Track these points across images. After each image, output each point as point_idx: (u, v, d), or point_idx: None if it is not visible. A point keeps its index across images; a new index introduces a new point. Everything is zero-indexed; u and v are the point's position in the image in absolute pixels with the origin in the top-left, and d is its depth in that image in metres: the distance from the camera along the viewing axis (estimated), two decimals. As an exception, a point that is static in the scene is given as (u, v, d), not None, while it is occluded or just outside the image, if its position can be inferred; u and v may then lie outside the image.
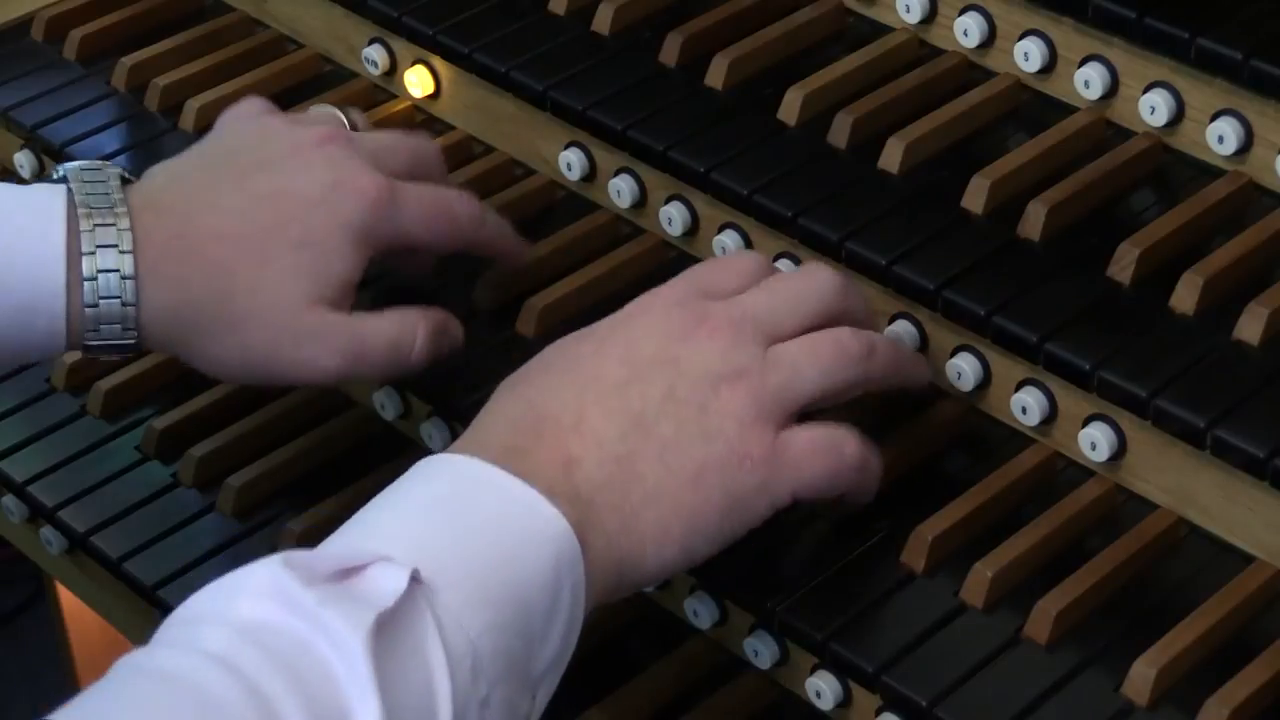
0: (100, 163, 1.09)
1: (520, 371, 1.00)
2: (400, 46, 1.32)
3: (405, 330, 1.09)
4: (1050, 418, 1.06)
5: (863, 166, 1.14)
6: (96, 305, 1.05)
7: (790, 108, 1.17)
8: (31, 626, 2.30)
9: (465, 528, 0.90)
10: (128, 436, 1.26)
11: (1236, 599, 0.98)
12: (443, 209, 1.11)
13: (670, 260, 1.20)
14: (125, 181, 1.08)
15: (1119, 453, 1.04)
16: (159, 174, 1.11)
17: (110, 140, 1.33)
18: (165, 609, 1.15)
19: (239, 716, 0.81)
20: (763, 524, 0.99)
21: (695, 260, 1.18)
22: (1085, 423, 1.04)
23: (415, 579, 0.86)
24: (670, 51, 1.22)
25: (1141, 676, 0.95)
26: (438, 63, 1.30)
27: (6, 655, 2.32)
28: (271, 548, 1.18)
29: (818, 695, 1.02)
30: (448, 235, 1.12)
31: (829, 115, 1.16)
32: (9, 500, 1.26)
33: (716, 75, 1.20)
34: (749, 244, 1.16)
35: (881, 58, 1.20)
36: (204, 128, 1.31)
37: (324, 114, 1.17)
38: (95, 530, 1.20)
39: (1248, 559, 1.01)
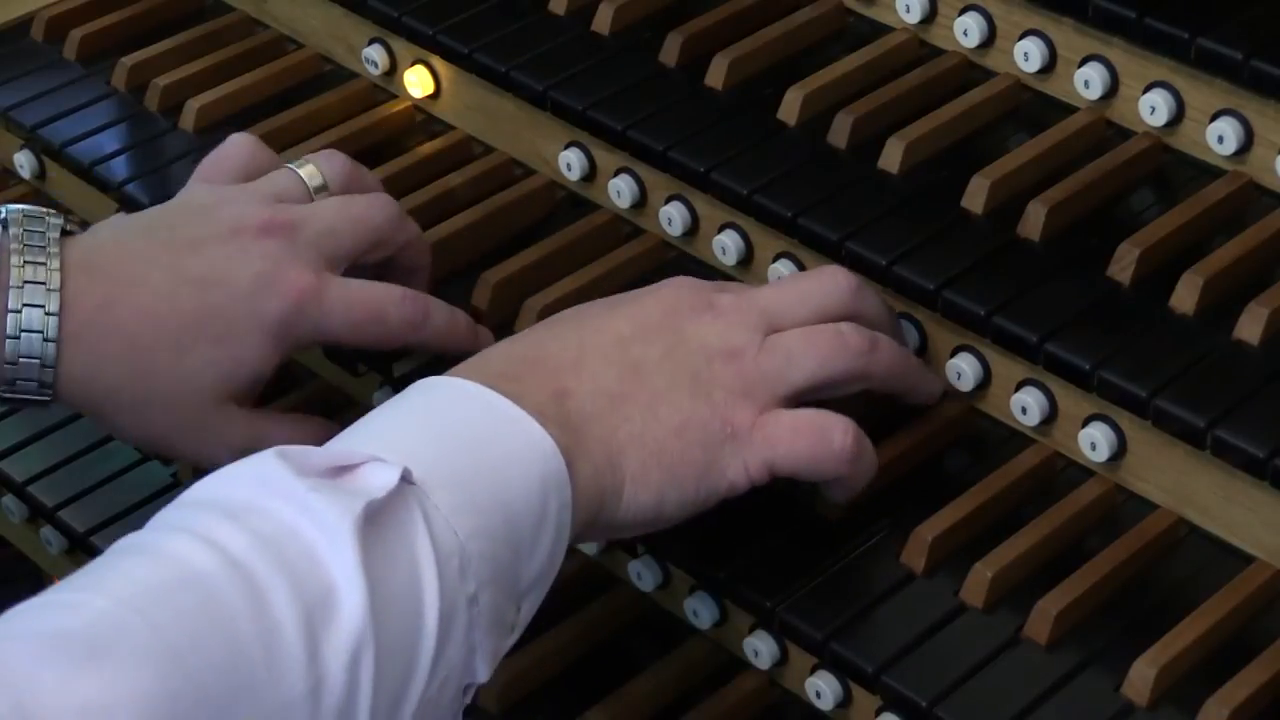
0: (45, 211, 1.09)
1: (534, 326, 1.04)
2: (400, 46, 1.32)
3: (299, 437, 1.06)
4: (1050, 418, 1.06)
5: (863, 166, 1.14)
6: (16, 363, 1.05)
7: (790, 108, 1.17)
8: (31, 626, 2.30)
9: (456, 438, 0.92)
10: (128, 436, 1.26)
11: (1236, 599, 0.98)
12: (374, 312, 1.10)
13: (670, 260, 1.20)
14: (67, 234, 1.08)
15: (1119, 453, 1.04)
16: (104, 230, 1.12)
17: (110, 140, 1.33)
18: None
19: (225, 592, 0.82)
20: (765, 522, 0.99)
21: (695, 260, 1.19)
22: (1085, 423, 1.04)
23: (406, 479, 0.88)
24: (670, 51, 1.22)
25: (1141, 676, 0.95)
26: (438, 63, 1.30)
27: (6, 655, 2.31)
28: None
29: (818, 695, 1.02)
30: (376, 338, 1.11)
31: (829, 115, 1.16)
32: (9, 500, 1.26)
33: (716, 75, 1.20)
34: (749, 244, 1.16)
35: (881, 58, 1.20)
36: (204, 128, 1.31)
37: (287, 182, 1.14)
38: (95, 530, 1.20)
39: (1248, 559, 1.01)
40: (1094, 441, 1.04)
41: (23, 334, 1.05)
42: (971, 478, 1.05)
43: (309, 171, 1.14)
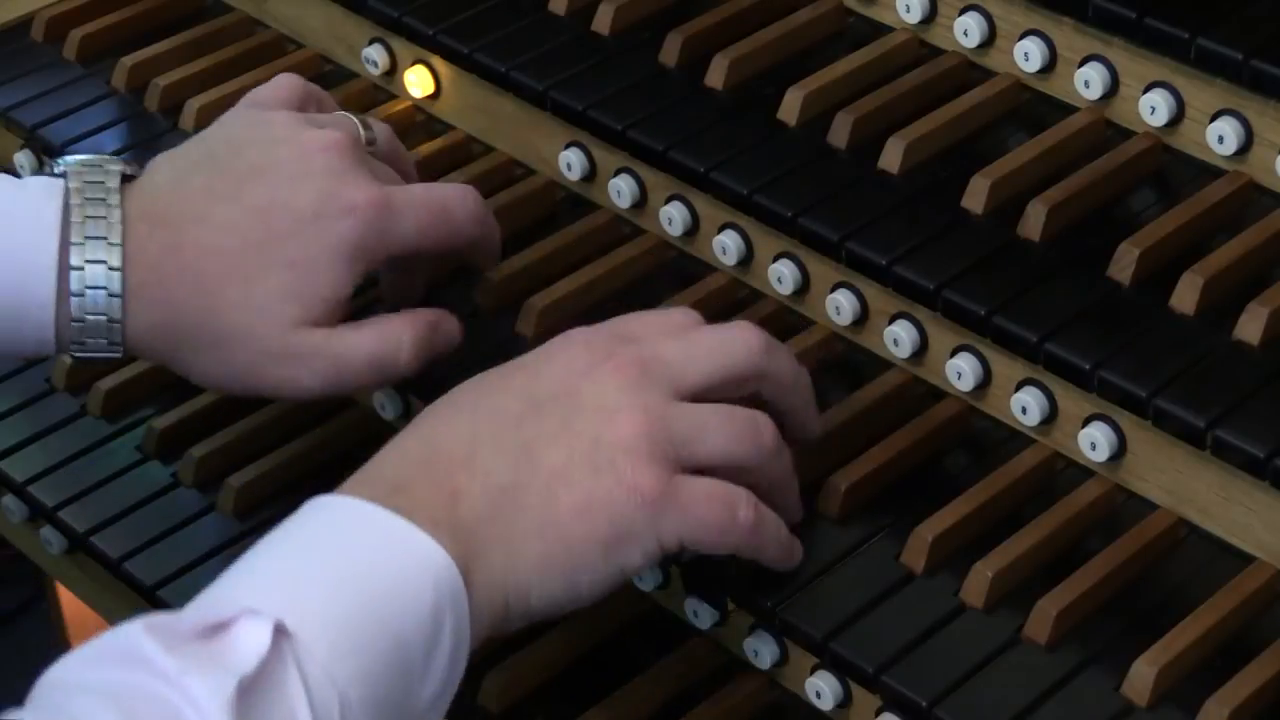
0: (103, 159, 1.08)
1: (427, 409, 0.99)
2: (400, 46, 1.32)
3: (388, 342, 1.07)
4: (1050, 418, 1.06)
5: (863, 166, 1.14)
6: (83, 320, 1.05)
7: (790, 108, 1.17)
8: (31, 626, 2.30)
9: (339, 569, 0.89)
10: (128, 436, 1.26)
11: (1236, 599, 0.98)
12: (440, 210, 1.10)
13: (670, 260, 1.20)
14: (126, 178, 1.07)
15: (1119, 453, 1.04)
16: (161, 170, 1.09)
17: (110, 140, 1.33)
18: (165, 609, 1.16)
19: None
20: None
21: (695, 260, 1.19)
22: (1085, 423, 1.04)
23: (280, 630, 0.85)
24: (670, 51, 1.22)
25: (1141, 676, 0.95)
26: (438, 63, 1.30)
27: (6, 655, 2.31)
28: (271, 548, 1.18)
29: (818, 695, 1.02)
30: (444, 239, 1.10)
31: (829, 115, 1.16)
32: (9, 500, 1.26)
33: (716, 75, 1.20)
34: (749, 244, 1.16)
35: (881, 58, 1.20)
36: (204, 128, 1.31)
37: (340, 118, 1.14)
38: (95, 530, 1.20)
39: (1248, 559, 1.01)
40: (1094, 441, 1.04)
41: (88, 291, 1.04)
42: (971, 478, 1.05)
43: (361, 120, 1.14)
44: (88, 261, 1.04)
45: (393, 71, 1.33)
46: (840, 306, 1.12)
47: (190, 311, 1.06)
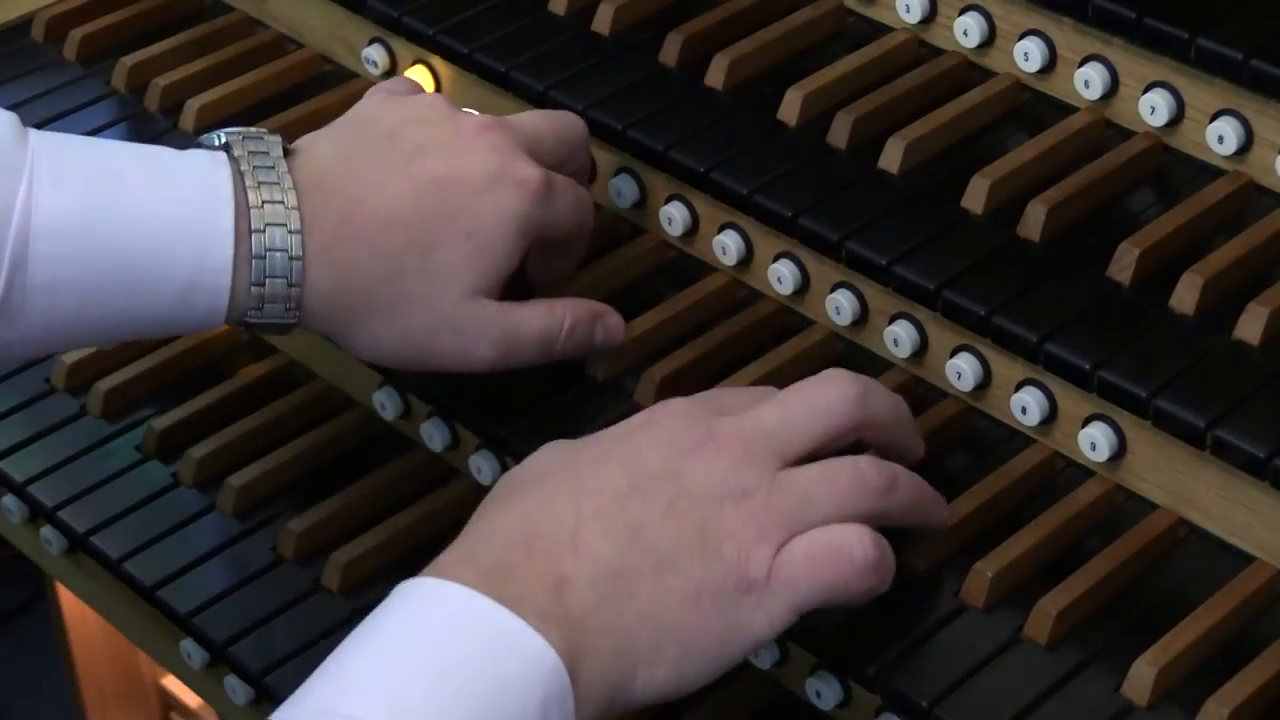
0: (259, 130, 1.08)
1: (517, 475, 0.97)
2: (400, 46, 1.32)
3: (554, 321, 1.09)
4: (1050, 418, 1.06)
5: (863, 166, 1.14)
6: (263, 284, 1.04)
7: (790, 108, 1.17)
8: (31, 626, 2.30)
9: (447, 674, 0.86)
10: (128, 436, 1.26)
11: (1236, 599, 0.98)
12: (583, 198, 1.13)
13: (670, 260, 1.20)
14: (285, 152, 1.07)
15: (1119, 453, 1.04)
16: (321, 146, 1.10)
17: (110, 140, 1.33)
18: (165, 609, 1.16)
19: None
20: None
21: (695, 260, 1.19)
22: (1085, 423, 1.04)
23: None
24: (670, 51, 1.22)
25: (1141, 676, 0.95)
26: (438, 63, 1.30)
27: (6, 655, 2.32)
28: (271, 548, 1.18)
29: (818, 695, 1.02)
30: (584, 224, 1.13)
31: (829, 115, 1.16)
32: (9, 500, 1.26)
33: (716, 75, 1.20)
34: (749, 244, 1.16)
35: (881, 58, 1.20)
36: (204, 128, 1.31)
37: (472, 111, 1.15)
38: (95, 530, 1.20)
39: (1248, 559, 1.01)
40: (1094, 441, 1.04)
41: (268, 253, 1.04)
42: (971, 478, 1.05)
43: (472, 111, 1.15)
44: (268, 224, 1.04)
45: (393, 71, 1.33)
46: (840, 306, 1.12)
47: (368, 277, 1.06)
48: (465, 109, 1.14)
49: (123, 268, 1.03)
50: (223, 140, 1.07)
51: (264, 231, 1.04)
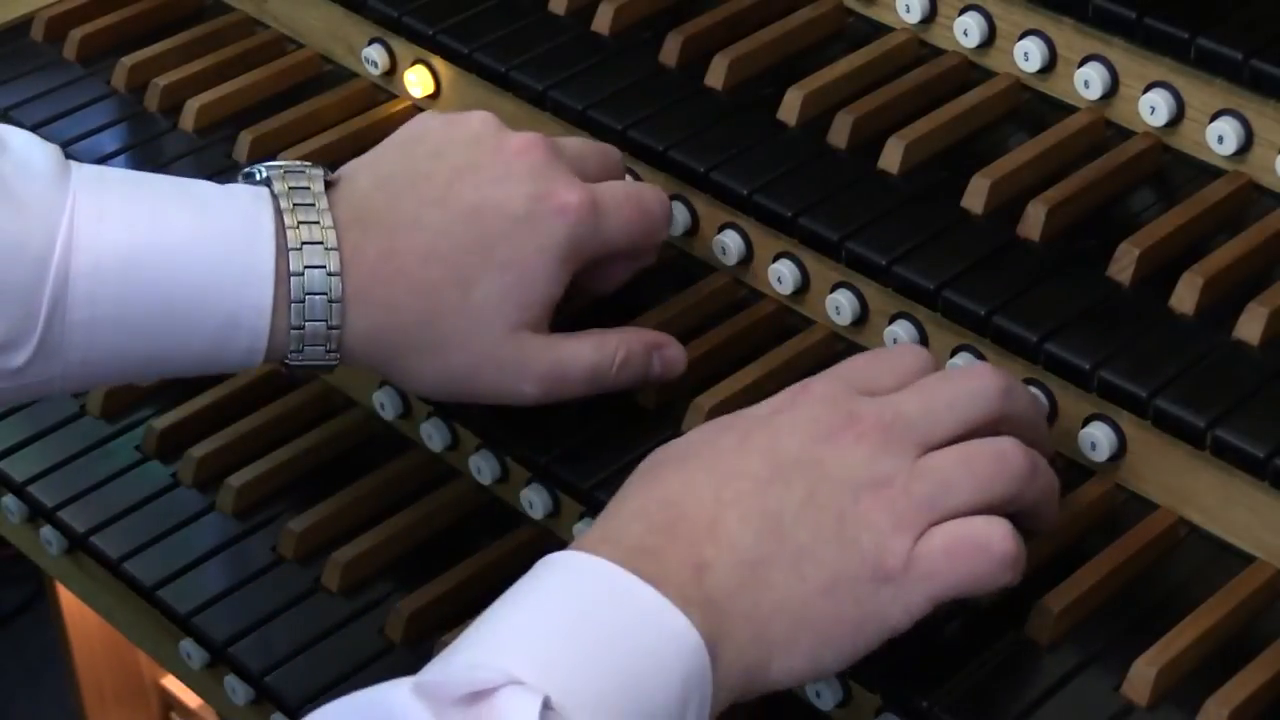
0: (302, 164, 1.06)
1: (660, 455, 0.96)
2: (400, 46, 1.32)
3: (605, 355, 1.07)
4: (1050, 418, 1.06)
5: (863, 166, 1.14)
6: (302, 328, 1.03)
7: (790, 108, 1.17)
8: (31, 626, 2.30)
9: (596, 643, 0.87)
10: (128, 436, 1.26)
11: (1236, 599, 0.98)
12: (641, 208, 1.10)
13: (670, 260, 1.20)
14: (328, 184, 1.06)
15: (1119, 453, 1.04)
16: (362, 177, 1.07)
17: (110, 140, 1.33)
18: (165, 609, 1.16)
19: None
20: None
21: (695, 260, 1.19)
22: (1085, 423, 1.04)
23: (547, 706, 0.84)
24: (670, 51, 1.22)
25: (1141, 676, 0.95)
26: (438, 63, 1.30)
27: (6, 655, 2.32)
28: (271, 548, 1.18)
29: (817, 695, 1.02)
30: (647, 235, 1.10)
31: (829, 115, 1.16)
32: (9, 500, 1.26)
33: (716, 75, 1.20)
34: (749, 244, 1.16)
35: (881, 58, 1.20)
36: (204, 128, 1.31)
37: None
38: (95, 530, 1.20)
39: (1248, 559, 1.01)
40: (1094, 441, 1.04)
41: (307, 297, 1.02)
42: (971, 478, 1.05)
43: None
44: (307, 267, 1.02)
45: (393, 71, 1.33)
46: (840, 306, 1.12)
47: (408, 316, 1.04)
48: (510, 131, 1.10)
49: (162, 307, 1.02)
50: (264, 175, 1.06)
51: (303, 275, 1.02)
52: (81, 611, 1.57)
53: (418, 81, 1.32)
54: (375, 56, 1.33)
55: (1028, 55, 1.16)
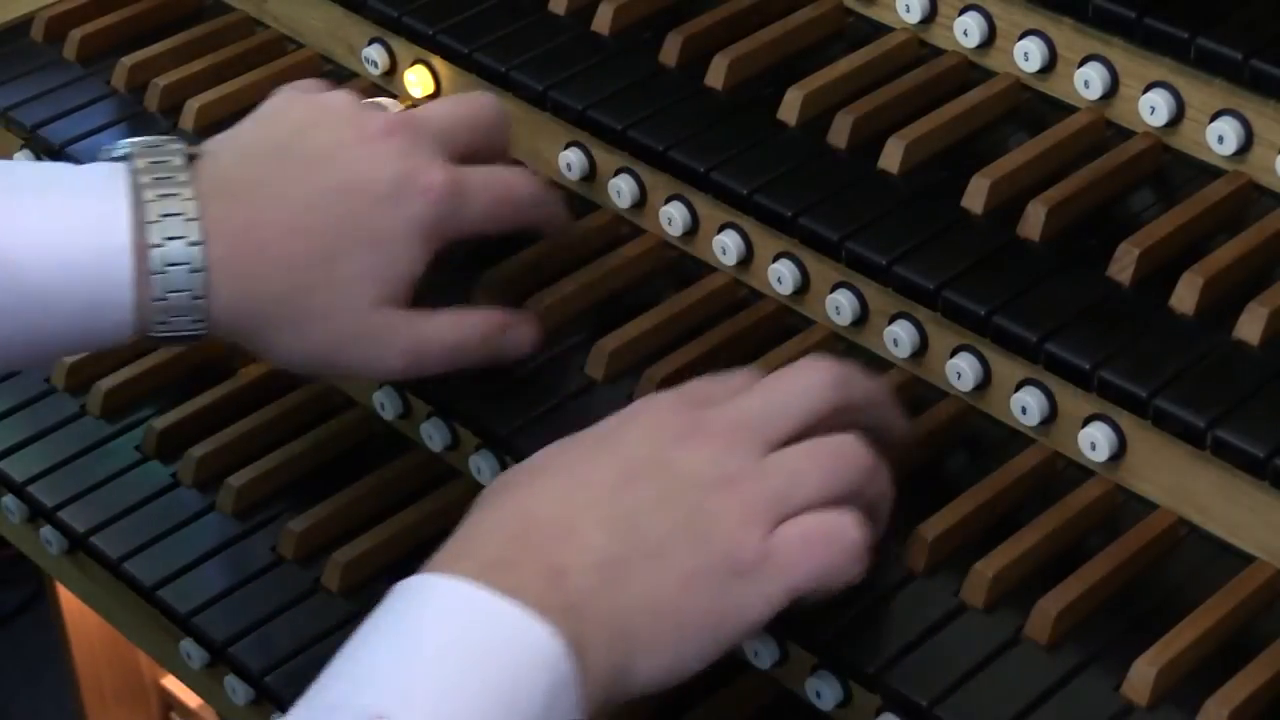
0: (162, 139, 1.07)
1: (510, 474, 0.98)
2: (400, 46, 1.32)
3: (464, 332, 1.09)
4: (1050, 418, 1.06)
5: (863, 166, 1.14)
6: (165, 299, 1.03)
7: (790, 108, 1.17)
8: (31, 626, 2.30)
9: (459, 668, 0.87)
10: (128, 436, 1.26)
11: (1236, 599, 0.98)
12: (506, 195, 1.11)
13: (670, 260, 1.20)
14: (190, 158, 1.06)
15: (1119, 453, 1.04)
16: (225, 153, 1.08)
17: (110, 140, 1.32)
18: (165, 609, 1.16)
19: None
20: None
21: (695, 260, 1.19)
22: (1085, 423, 1.04)
23: None
24: (670, 51, 1.22)
25: (1141, 676, 0.95)
26: (438, 63, 1.30)
27: (6, 655, 2.32)
28: (271, 548, 1.18)
29: (818, 695, 1.02)
30: (510, 220, 1.12)
31: (829, 115, 1.16)
32: (9, 500, 1.26)
33: (716, 75, 1.20)
34: (749, 244, 1.16)
35: (881, 58, 1.20)
36: (204, 128, 1.31)
37: (387, 103, 1.14)
38: (95, 530, 1.20)
39: (1248, 559, 1.01)
40: (1094, 441, 1.04)
41: (168, 269, 1.03)
42: (971, 478, 1.05)
43: (390, 102, 1.15)
44: (166, 239, 1.03)
45: (393, 71, 1.33)
46: (840, 306, 1.12)
47: (272, 290, 1.05)
48: (376, 100, 1.12)
49: (18, 289, 1.02)
50: (124, 151, 1.06)
51: (164, 246, 1.03)
52: (81, 611, 1.57)
53: (418, 81, 1.32)
54: (375, 56, 1.33)
55: (1028, 55, 1.16)
